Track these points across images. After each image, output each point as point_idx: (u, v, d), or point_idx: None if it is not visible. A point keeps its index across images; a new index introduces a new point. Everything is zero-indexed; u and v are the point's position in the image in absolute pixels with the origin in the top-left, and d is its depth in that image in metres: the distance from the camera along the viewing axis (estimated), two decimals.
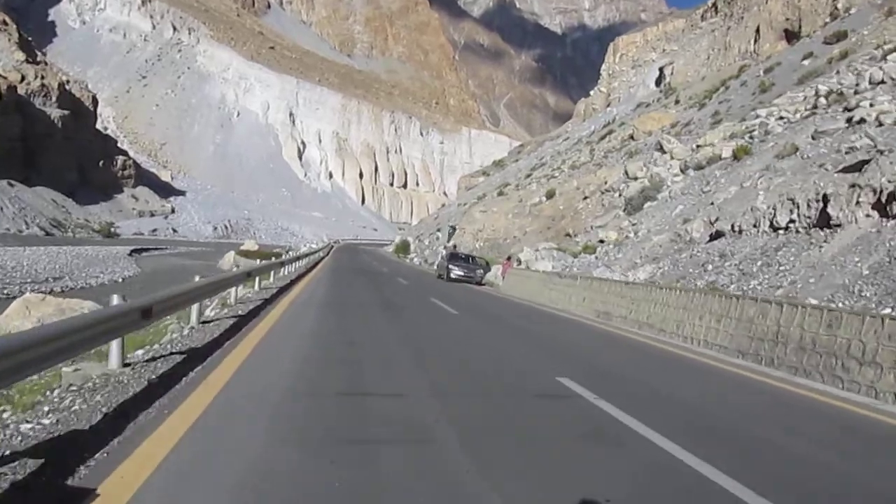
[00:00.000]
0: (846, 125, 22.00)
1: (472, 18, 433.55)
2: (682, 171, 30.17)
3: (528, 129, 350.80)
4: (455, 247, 38.22)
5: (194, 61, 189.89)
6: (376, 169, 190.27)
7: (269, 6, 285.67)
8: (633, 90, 69.28)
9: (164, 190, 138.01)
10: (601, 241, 27.45)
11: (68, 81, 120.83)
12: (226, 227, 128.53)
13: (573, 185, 39.75)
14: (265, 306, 15.04)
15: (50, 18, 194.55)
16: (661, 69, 65.49)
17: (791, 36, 52.88)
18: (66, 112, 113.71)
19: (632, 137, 46.42)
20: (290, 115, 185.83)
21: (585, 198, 36.14)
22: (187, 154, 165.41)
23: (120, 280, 40.14)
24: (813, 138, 22.42)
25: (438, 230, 57.98)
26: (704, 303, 12.53)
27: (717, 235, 19.64)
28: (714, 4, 66.07)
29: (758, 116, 32.09)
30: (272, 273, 23.47)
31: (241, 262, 49.91)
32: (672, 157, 32.57)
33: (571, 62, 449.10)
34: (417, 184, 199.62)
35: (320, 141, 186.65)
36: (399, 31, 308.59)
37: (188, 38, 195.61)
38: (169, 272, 47.40)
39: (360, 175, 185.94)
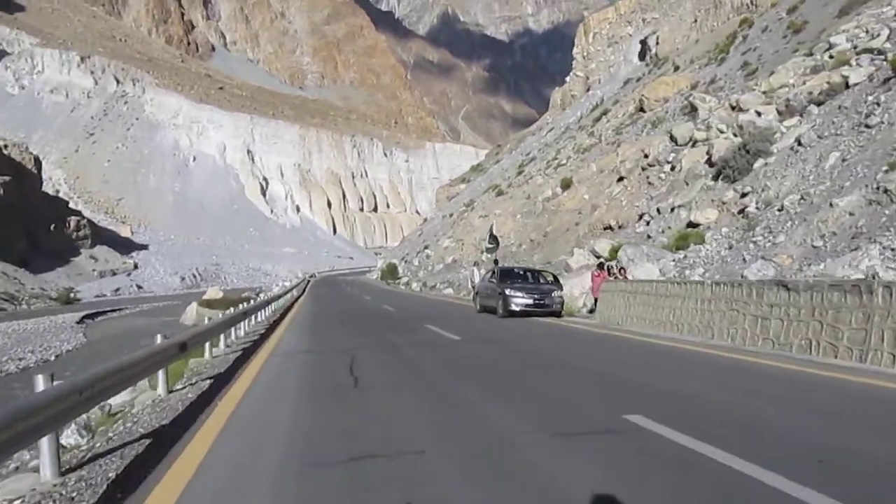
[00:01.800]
0: None
1: (419, 37, 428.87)
2: (779, 113, 23.16)
3: (489, 138, 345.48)
4: (497, 262, 26.74)
5: (142, 111, 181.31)
6: (344, 196, 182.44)
7: (213, 49, 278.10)
8: (615, 69, 62.85)
9: (125, 246, 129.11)
10: (693, 226, 20.27)
11: (6, 146, 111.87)
12: (194, 276, 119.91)
13: (591, 171, 32.78)
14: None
15: None
16: (643, 41, 59.12)
17: None
18: (6, 178, 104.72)
19: (641, 109, 39.70)
20: (248, 152, 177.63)
21: (621, 179, 28.96)
22: (146, 206, 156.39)
23: (53, 358, 32.22)
24: None
25: (426, 247, 50.51)
26: None
27: None
28: None
29: (831, 46, 25.36)
30: (223, 336, 15.82)
31: (205, 313, 42.30)
32: (737, 110, 25.58)
33: (522, 67, 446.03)
34: (388, 205, 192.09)
35: (282, 175, 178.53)
36: (348, 57, 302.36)
37: (133, 88, 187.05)
38: (120, 339, 39.66)
39: (329, 204, 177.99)
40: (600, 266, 20.11)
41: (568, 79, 68.11)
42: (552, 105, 75.37)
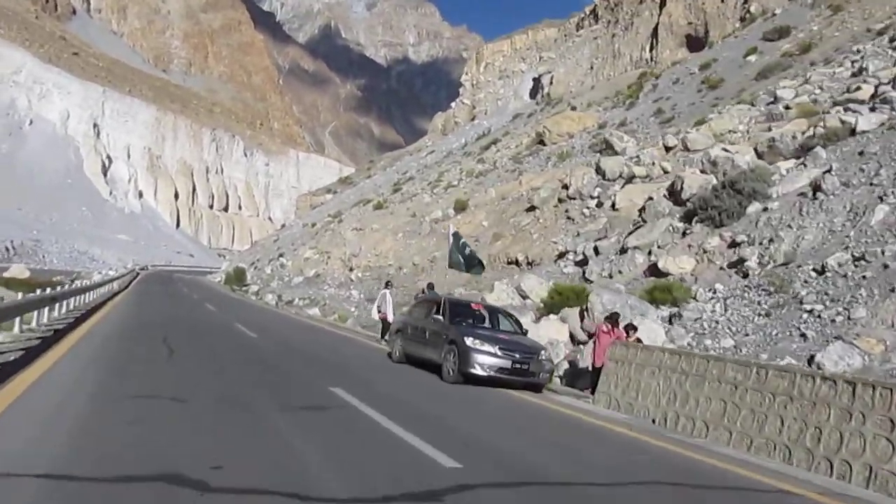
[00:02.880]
0: None
1: (298, 44, 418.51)
2: (758, 153, 20.44)
3: (353, 157, 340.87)
4: (432, 286, 19.53)
5: None
6: (194, 189, 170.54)
7: (74, 12, 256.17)
8: (503, 102, 60.68)
9: None
10: (662, 274, 16.81)
11: None
12: (7, 250, 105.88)
13: (490, 196, 29.22)
14: None
15: None
16: (536, 79, 57.37)
17: (694, 41, 46.50)
18: None
19: (541, 142, 37.02)
20: (95, 126, 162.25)
21: (531, 209, 25.45)
22: None
23: None
24: None
25: (281, 255, 45.07)
26: None
27: None
28: (593, 12, 58.90)
29: (776, 98, 23.48)
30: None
31: (8, 295, 34.82)
32: (687, 150, 22.83)
33: (396, 94, 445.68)
34: (240, 207, 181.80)
35: (129, 156, 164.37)
36: (220, 49, 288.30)
37: None
38: None
39: (176, 195, 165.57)
40: (611, 319, 13.54)
41: (453, 104, 65.45)
42: (432, 129, 72.39)
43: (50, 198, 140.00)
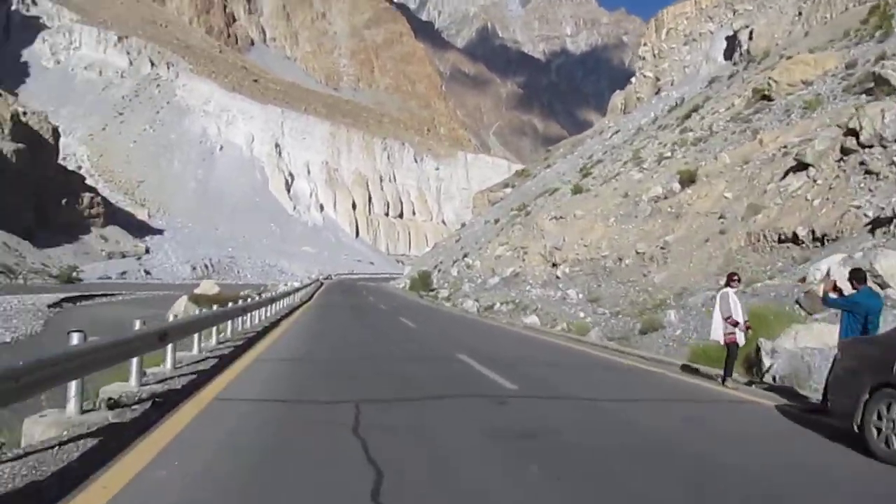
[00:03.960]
0: None
1: (457, 49, 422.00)
2: None
3: (518, 154, 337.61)
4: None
5: (173, 95, 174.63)
6: (370, 199, 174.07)
7: (252, 43, 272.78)
8: (692, 69, 54.09)
9: (140, 229, 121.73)
10: None
11: (24, 113, 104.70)
12: (206, 267, 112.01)
13: (724, 163, 23.96)
14: None
15: (23, 59, 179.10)
16: (731, 37, 50.37)
17: None
18: (20, 146, 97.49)
19: (765, 97, 30.92)
20: (276, 146, 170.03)
21: (799, 168, 19.84)
22: (167, 191, 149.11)
23: None
24: None
25: (465, 256, 41.68)
26: None
27: None
28: None
29: None
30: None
31: (193, 310, 33.83)
32: None
33: (557, 88, 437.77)
34: (414, 212, 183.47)
35: (309, 172, 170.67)
36: (385, 62, 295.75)
37: (167, 72, 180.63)
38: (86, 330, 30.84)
39: (353, 206, 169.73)
40: None
41: (633, 80, 59.52)
42: (611, 109, 66.71)
43: (241, 217, 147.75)
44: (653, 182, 25.64)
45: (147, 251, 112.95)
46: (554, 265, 26.63)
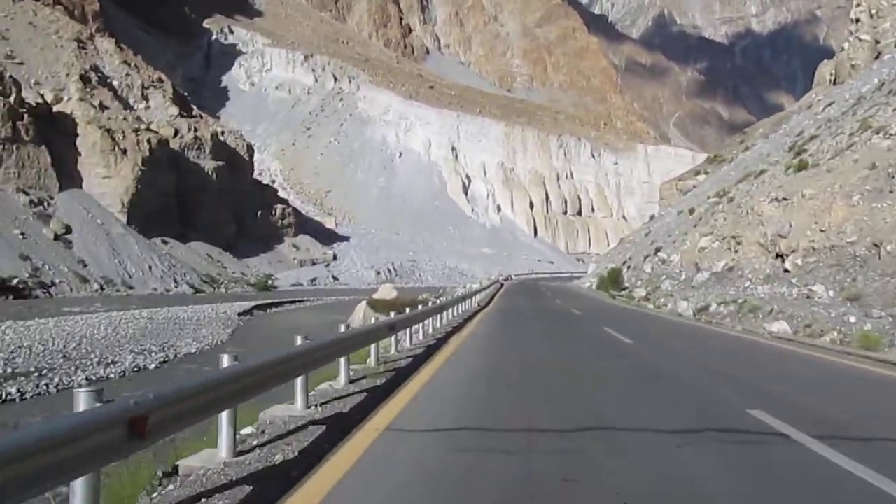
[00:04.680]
0: None
1: (631, 40, 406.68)
2: None
3: (701, 144, 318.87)
4: None
5: (355, 107, 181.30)
6: (547, 197, 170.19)
7: (427, 52, 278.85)
8: None
9: (328, 237, 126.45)
10: None
11: (222, 132, 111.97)
12: (389, 271, 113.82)
13: None
14: None
15: (223, 84, 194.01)
16: None
17: None
18: (220, 163, 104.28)
19: None
20: (453, 149, 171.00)
21: None
22: (351, 199, 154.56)
23: (154, 366, 23.40)
24: None
25: (658, 251, 37.15)
26: None
27: None
28: None
29: None
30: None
31: (371, 317, 32.37)
32: None
33: (742, 71, 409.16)
34: (593, 209, 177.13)
35: (485, 173, 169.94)
36: (558, 59, 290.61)
37: (349, 86, 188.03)
38: (267, 340, 30.84)
39: (531, 205, 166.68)
40: None
41: (846, 45, 51.46)
42: (818, 82, 58.47)
43: (421, 221, 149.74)
44: None
45: (335, 258, 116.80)
46: (779, 256, 21.89)
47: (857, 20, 50.39)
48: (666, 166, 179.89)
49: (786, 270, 20.67)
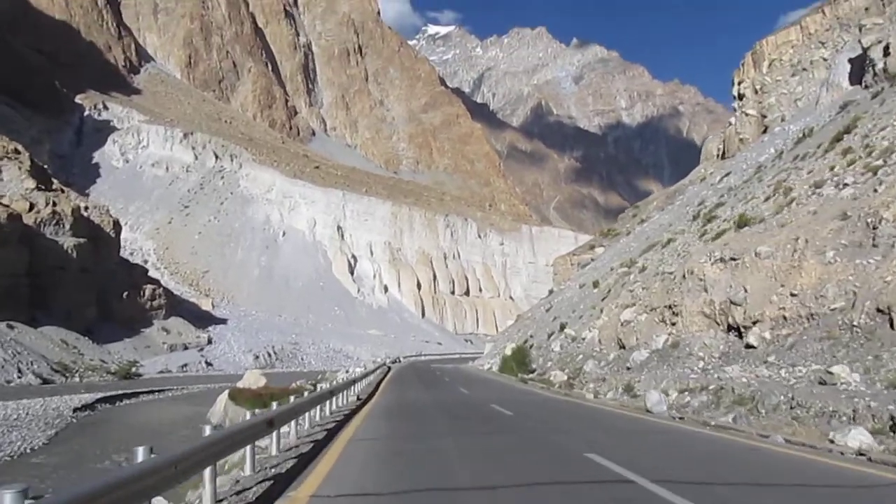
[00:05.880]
0: None
1: (513, 128, 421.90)
2: None
3: (580, 227, 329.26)
4: None
5: (237, 186, 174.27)
6: (434, 277, 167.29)
7: (313, 133, 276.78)
8: (806, 99, 46.02)
9: (204, 319, 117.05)
10: None
11: (86, 207, 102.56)
12: (269, 356, 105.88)
13: None
14: None
15: (94, 161, 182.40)
16: (857, 58, 42.23)
17: None
18: (81, 240, 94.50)
19: None
20: (339, 228, 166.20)
21: None
22: (231, 280, 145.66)
23: None
24: None
25: (563, 327, 33.51)
26: None
27: None
28: None
29: None
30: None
31: (232, 412, 26.75)
32: None
33: (615, 160, 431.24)
34: (480, 290, 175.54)
35: (372, 253, 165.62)
36: (443, 143, 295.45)
37: (230, 164, 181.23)
38: (103, 441, 24.40)
39: (418, 285, 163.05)
40: None
41: (733, 120, 51.57)
42: (705, 157, 58.62)
43: (305, 302, 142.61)
44: (889, 195, 17.25)
45: (210, 341, 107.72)
46: (732, 328, 18.37)
47: (742, 96, 50.65)
48: (550, 247, 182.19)
49: (749, 346, 17.00)
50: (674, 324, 20.22)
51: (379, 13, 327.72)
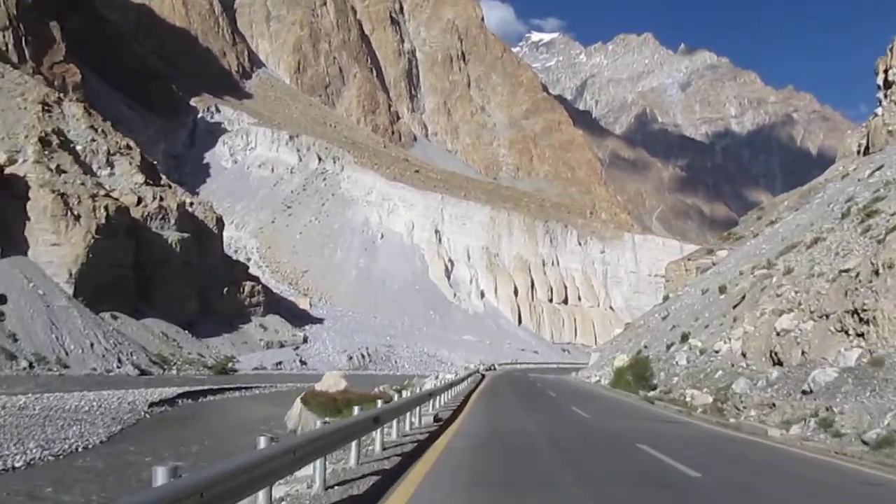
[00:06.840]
0: None
1: (615, 135, 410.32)
2: None
3: (684, 238, 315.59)
4: None
5: (338, 188, 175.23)
6: (532, 284, 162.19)
7: (415, 138, 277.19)
8: None
9: (301, 318, 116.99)
10: None
11: (191, 203, 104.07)
12: (362, 357, 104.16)
13: None
14: None
15: (205, 161, 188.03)
16: None
17: None
18: (185, 235, 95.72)
19: None
20: (436, 232, 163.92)
21: None
22: (329, 280, 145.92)
23: None
24: None
25: (685, 338, 28.67)
26: None
27: None
28: None
29: None
30: None
31: (307, 419, 23.45)
32: None
33: (722, 169, 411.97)
34: (579, 298, 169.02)
35: (469, 258, 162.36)
36: (544, 150, 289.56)
37: (332, 166, 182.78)
38: (174, 442, 21.57)
39: (515, 292, 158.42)
40: None
41: (879, 110, 45.00)
42: (844, 154, 52.09)
43: (400, 304, 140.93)
44: None
45: (305, 340, 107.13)
46: None
47: (890, 84, 43.94)
48: (654, 256, 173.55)
49: None
50: (861, 334, 15.26)
51: (483, 20, 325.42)
